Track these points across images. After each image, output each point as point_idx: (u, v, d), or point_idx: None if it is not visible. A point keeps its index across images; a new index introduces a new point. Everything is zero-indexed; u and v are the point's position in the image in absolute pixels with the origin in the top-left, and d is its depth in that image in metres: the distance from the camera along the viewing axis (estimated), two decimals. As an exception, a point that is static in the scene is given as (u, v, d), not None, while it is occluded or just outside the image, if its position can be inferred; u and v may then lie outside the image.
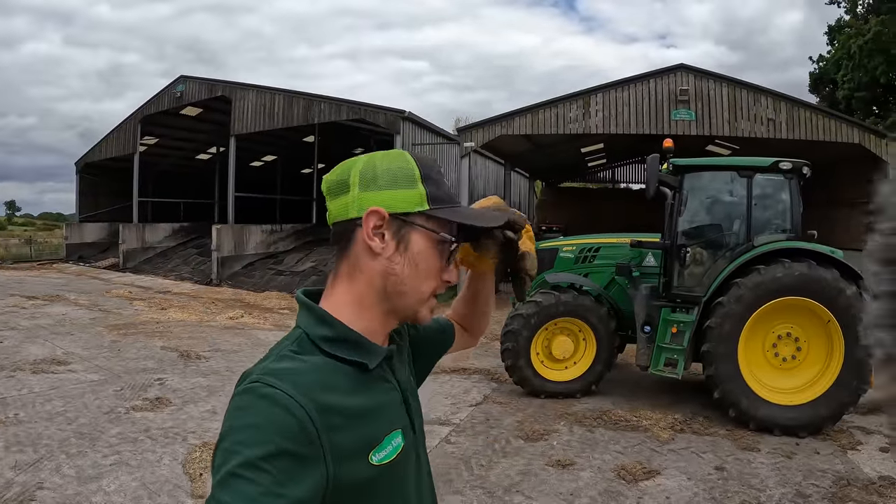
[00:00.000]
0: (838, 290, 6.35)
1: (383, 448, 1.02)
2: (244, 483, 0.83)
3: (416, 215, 1.07)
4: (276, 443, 0.87)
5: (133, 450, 5.36)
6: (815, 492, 5.00)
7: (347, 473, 0.95)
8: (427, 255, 1.08)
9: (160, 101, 22.77)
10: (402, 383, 1.14)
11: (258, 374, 0.97)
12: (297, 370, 0.97)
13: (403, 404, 1.13)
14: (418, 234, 1.07)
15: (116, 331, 10.63)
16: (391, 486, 1.04)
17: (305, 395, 0.93)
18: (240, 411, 0.92)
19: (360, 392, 1.03)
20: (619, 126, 15.59)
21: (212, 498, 0.85)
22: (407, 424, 1.12)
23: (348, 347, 1.05)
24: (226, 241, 20.24)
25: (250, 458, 0.85)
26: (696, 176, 7.43)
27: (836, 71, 21.20)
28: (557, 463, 5.37)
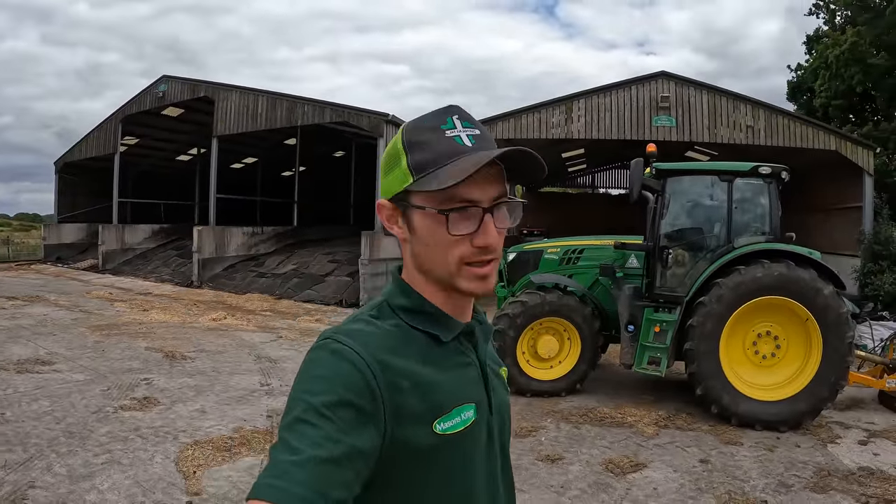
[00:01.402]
0: (816, 290, 6.57)
1: (450, 418, 1.02)
2: (307, 427, 0.88)
3: (409, 194, 1.06)
4: (340, 393, 0.91)
5: (124, 448, 5.34)
6: (797, 482, 5.19)
7: (408, 437, 0.97)
8: (432, 230, 1.05)
9: (142, 101, 22.56)
10: (481, 360, 1.14)
11: (332, 332, 1.02)
12: (370, 332, 1.02)
13: (482, 380, 1.13)
14: (417, 214, 1.06)
15: (99, 331, 10.53)
16: (456, 458, 1.04)
17: (372, 354, 0.97)
18: (311, 363, 0.98)
19: (432, 362, 1.05)
20: (600, 132, 15.82)
21: (278, 440, 0.90)
22: (483, 400, 1.11)
23: (424, 319, 1.08)
24: (207, 242, 20.10)
25: (315, 404, 0.90)
26: (678, 180, 7.62)
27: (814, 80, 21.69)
28: (546, 458, 5.49)
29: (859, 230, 14.57)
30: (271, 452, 0.89)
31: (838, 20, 20.92)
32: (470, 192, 1.03)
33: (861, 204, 14.70)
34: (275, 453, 0.88)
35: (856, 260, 14.05)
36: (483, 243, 1.04)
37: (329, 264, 19.97)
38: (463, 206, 1.03)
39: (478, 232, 1.04)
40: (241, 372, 8.32)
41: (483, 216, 1.04)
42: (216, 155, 20.49)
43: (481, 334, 1.16)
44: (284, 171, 32.24)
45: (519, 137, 16.49)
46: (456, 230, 1.03)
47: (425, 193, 1.03)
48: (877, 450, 6.07)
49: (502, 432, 1.17)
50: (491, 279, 1.08)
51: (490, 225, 1.05)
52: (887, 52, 17.90)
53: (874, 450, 6.07)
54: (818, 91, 21.14)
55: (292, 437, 0.88)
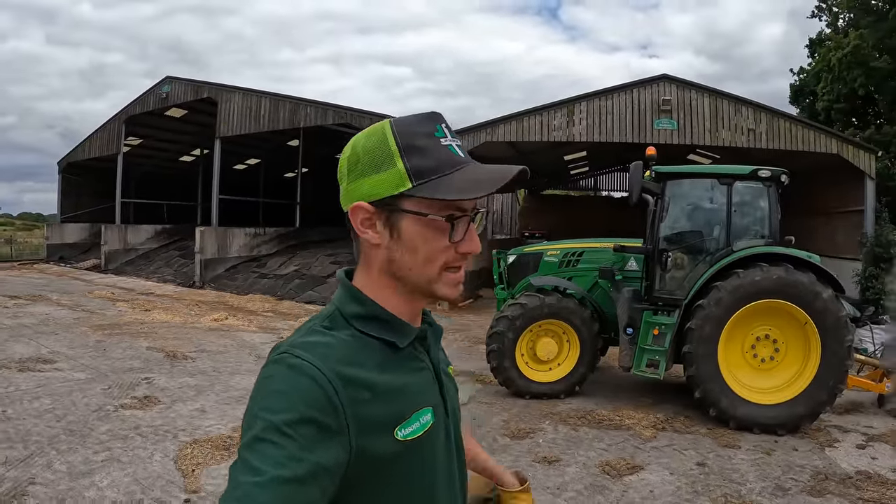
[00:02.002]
0: (815, 294, 6.58)
1: (410, 424, 1.02)
2: (269, 446, 0.86)
3: (401, 198, 1.04)
4: (301, 410, 0.89)
5: (124, 446, 5.38)
6: (794, 485, 5.19)
7: (372, 447, 0.96)
8: (424, 237, 1.04)
9: (145, 102, 22.65)
10: (434, 363, 1.14)
11: (287, 346, 0.99)
12: (326, 344, 1.00)
13: (436, 384, 1.13)
14: (408, 219, 1.04)
15: (101, 331, 10.58)
16: (418, 463, 1.04)
17: (332, 367, 0.95)
18: (268, 380, 0.95)
19: (389, 369, 1.04)
20: (602, 134, 15.83)
21: (238, 460, 0.87)
22: (439, 404, 1.11)
23: (379, 325, 1.06)
24: (209, 243, 20.16)
25: (275, 422, 0.87)
26: (677, 183, 7.63)
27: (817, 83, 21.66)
28: (544, 459, 5.51)
29: (861, 233, 14.56)
30: (231, 473, 0.86)
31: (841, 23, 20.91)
32: (466, 203, 1.07)
33: (863, 207, 14.68)
34: (236, 474, 0.86)
35: (857, 263, 14.03)
36: (468, 249, 1.07)
37: (331, 266, 20.01)
38: (464, 215, 1.06)
39: (464, 239, 1.06)
40: (242, 372, 8.35)
41: (469, 225, 1.08)
42: (219, 156, 20.56)
43: (433, 337, 1.17)
44: (287, 173, 32.29)
45: (521, 140, 16.52)
46: (456, 237, 1.05)
47: (427, 201, 1.03)
48: (875, 454, 6.07)
49: (457, 432, 1.19)
50: (461, 285, 1.11)
51: (474, 232, 1.07)
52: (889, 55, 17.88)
53: (872, 454, 6.07)
54: (820, 94, 21.11)
55: (253, 457, 0.86)
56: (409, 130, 1.06)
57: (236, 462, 0.88)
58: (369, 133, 1.08)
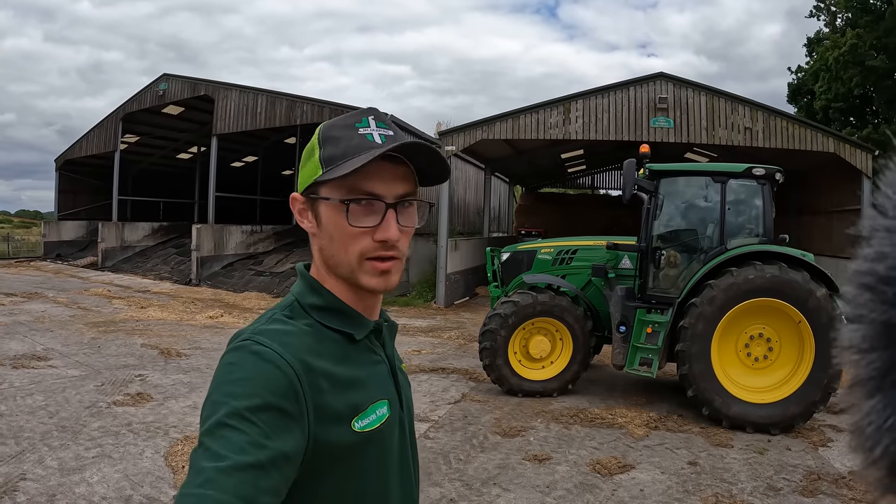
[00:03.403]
0: (808, 292, 6.57)
1: (367, 416, 1.03)
2: (231, 432, 0.86)
3: (317, 186, 1.07)
4: (264, 396, 0.90)
5: (115, 443, 5.38)
6: (786, 485, 5.18)
7: (328, 437, 0.97)
8: (336, 221, 1.06)
9: (142, 99, 22.62)
10: (389, 357, 1.16)
11: (249, 333, 1.00)
12: (287, 332, 1.01)
13: (391, 377, 1.15)
14: (323, 205, 1.07)
15: (96, 328, 10.57)
16: (373, 454, 1.05)
17: (294, 355, 0.96)
18: (230, 366, 0.95)
19: (347, 361, 1.05)
20: (598, 132, 15.80)
21: (199, 446, 0.87)
22: (394, 397, 1.13)
23: (336, 317, 1.08)
24: (206, 240, 20.14)
25: (238, 408, 0.87)
26: (671, 181, 7.63)
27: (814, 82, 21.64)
28: (534, 457, 5.50)
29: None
30: (193, 459, 0.86)
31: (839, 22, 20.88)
32: (372, 186, 1.05)
33: (860, 206, 14.67)
34: (197, 460, 0.85)
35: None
36: (383, 237, 1.05)
37: (327, 263, 20.00)
38: (363, 199, 1.04)
39: (379, 226, 1.05)
40: (236, 369, 8.36)
41: (385, 211, 1.05)
42: (216, 153, 20.53)
43: (388, 332, 1.18)
44: (284, 170, 32.27)
45: (517, 138, 16.51)
46: (356, 222, 1.04)
47: (331, 185, 1.05)
48: (867, 453, 6.06)
49: (411, 426, 1.21)
50: (392, 276, 1.08)
51: (391, 220, 1.05)
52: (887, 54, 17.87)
53: (865, 453, 6.06)
54: (818, 93, 21.11)
55: (215, 443, 0.85)
56: (333, 125, 1.10)
57: (198, 448, 0.87)
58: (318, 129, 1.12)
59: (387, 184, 1.06)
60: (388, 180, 1.06)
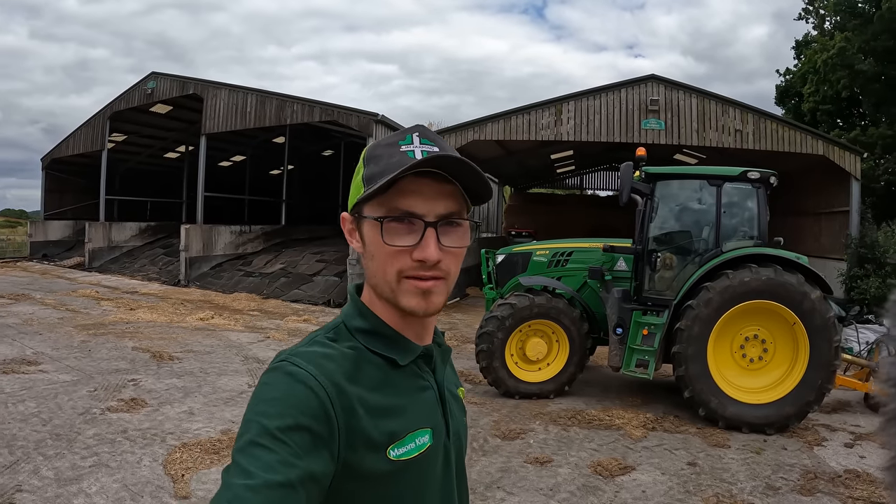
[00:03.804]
0: (803, 294, 6.64)
1: (404, 444, 1.01)
2: (262, 450, 0.87)
3: (360, 205, 1.05)
4: (296, 417, 0.91)
5: (111, 451, 5.29)
6: (784, 484, 5.25)
7: (362, 463, 0.96)
8: (375, 240, 1.03)
9: (130, 98, 22.36)
10: (440, 384, 1.13)
11: (288, 354, 1.01)
12: (326, 355, 1.00)
13: (439, 405, 1.11)
14: (365, 224, 1.05)
15: (85, 331, 10.43)
16: (411, 483, 1.02)
17: (328, 377, 0.96)
18: (265, 386, 0.96)
19: (388, 387, 1.03)
20: (590, 134, 15.84)
21: (231, 463, 0.88)
22: (439, 425, 1.09)
23: (381, 341, 1.06)
24: (194, 241, 19.96)
25: (269, 427, 0.89)
26: (667, 184, 7.67)
27: (803, 84, 21.88)
28: (535, 460, 5.51)
29: (846, 234, 14.71)
30: (224, 476, 0.87)
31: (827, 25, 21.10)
32: (411, 204, 1.01)
33: (848, 208, 14.84)
34: (228, 477, 0.86)
35: (842, 264, 14.18)
36: (420, 256, 1.01)
37: (317, 264, 19.90)
38: (400, 216, 1.01)
39: (417, 245, 1.01)
40: (229, 373, 8.28)
41: (424, 230, 1.01)
42: (204, 152, 20.36)
43: (440, 357, 1.15)
44: (273, 170, 32.09)
45: (508, 139, 16.52)
46: (391, 240, 1.01)
47: (371, 203, 1.03)
48: (863, 452, 6.14)
49: (459, 455, 1.17)
50: (435, 297, 1.04)
51: (431, 239, 1.01)
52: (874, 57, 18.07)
53: (860, 452, 6.15)
54: (806, 96, 21.31)
55: (246, 461, 0.87)
56: (377, 144, 1.08)
57: (229, 465, 0.89)
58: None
59: (427, 202, 1.02)
60: (429, 198, 1.02)
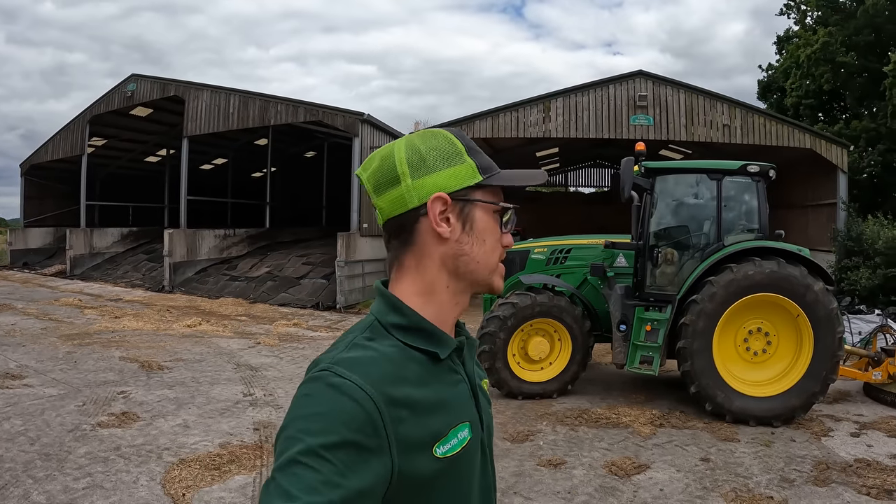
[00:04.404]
0: (806, 287, 6.60)
1: (448, 441, 1.00)
2: (305, 470, 0.83)
3: (473, 190, 1.08)
4: (341, 433, 0.87)
5: (105, 471, 5.01)
6: (799, 476, 5.19)
7: (411, 466, 0.94)
8: (491, 227, 1.10)
9: (110, 101, 21.87)
10: (470, 377, 1.12)
11: (329, 362, 0.96)
12: (369, 360, 0.97)
13: (472, 398, 1.10)
14: (479, 210, 1.09)
15: (70, 341, 10.12)
16: (455, 480, 1.02)
17: (375, 386, 0.92)
18: (307, 398, 0.92)
19: (430, 383, 1.02)
20: (578, 130, 15.83)
21: (271, 480, 0.85)
22: (475, 418, 1.09)
23: (420, 336, 1.04)
24: (178, 246, 19.60)
25: (313, 445, 0.85)
26: (667, 178, 7.60)
27: (785, 79, 22.11)
28: (548, 462, 5.38)
29: (832, 227, 14.81)
30: (263, 496, 0.84)
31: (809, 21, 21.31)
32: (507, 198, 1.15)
33: (835, 200, 14.95)
34: (267, 498, 0.83)
35: (830, 256, 14.27)
36: (509, 242, 1.15)
37: (303, 266, 19.66)
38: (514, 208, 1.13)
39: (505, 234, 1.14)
40: (222, 382, 8.04)
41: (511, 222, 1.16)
42: (187, 155, 20.00)
43: (468, 350, 1.15)
44: (255, 172, 31.72)
45: (496, 136, 16.43)
46: (507, 228, 1.13)
47: (484, 192, 1.09)
48: (870, 441, 6.12)
49: (491, 447, 1.19)
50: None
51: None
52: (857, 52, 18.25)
53: (867, 441, 6.12)
54: (789, 90, 21.49)
55: (287, 481, 0.83)
56: (463, 137, 1.13)
57: (269, 483, 0.85)
58: (425, 136, 1.11)
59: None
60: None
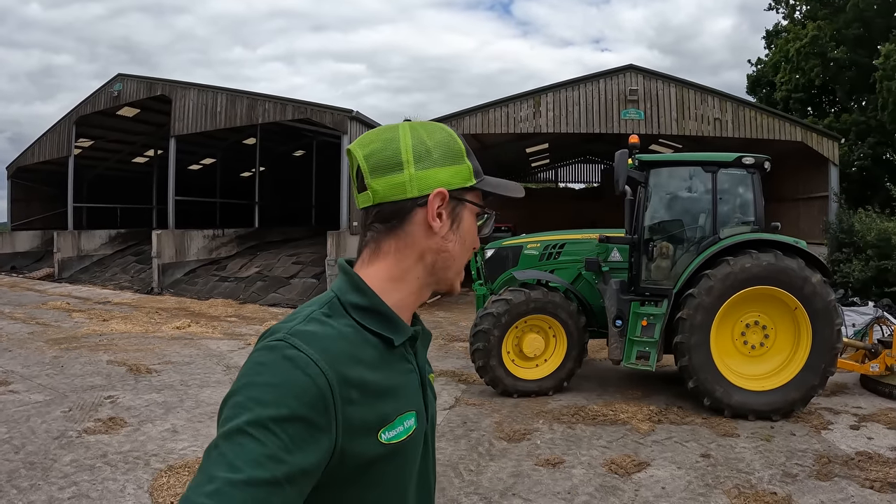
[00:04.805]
0: (804, 279, 6.53)
1: (394, 427, 1.00)
2: (251, 441, 0.82)
3: (467, 191, 1.10)
4: (292, 407, 0.86)
5: (91, 479, 4.84)
6: (801, 470, 5.13)
7: (355, 448, 0.93)
8: (472, 229, 1.13)
9: (96, 101, 21.52)
10: (421, 367, 1.12)
11: (284, 333, 0.94)
12: (326, 336, 0.96)
13: (421, 388, 1.11)
14: (467, 211, 1.11)
15: (57, 345, 9.91)
16: (396, 467, 1.02)
17: (331, 364, 0.92)
18: (261, 367, 0.90)
19: (382, 368, 1.01)
20: (568, 125, 15.76)
21: (214, 447, 0.83)
22: (421, 408, 1.09)
23: (377, 320, 1.04)
24: (166, 247, 19.37)
25: (262, 417, 0.84)
26: (661, 171, 7.51)
27: (774, 73, 22.19)
28: (546, 462, 5.28)
29: (824, 219, 14.82)
30: (206, 461, 0.83)
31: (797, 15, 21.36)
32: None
33: (826, 193, 14.96)
34: (210, 465, 0.81)
35: (822, 248, 14.27)
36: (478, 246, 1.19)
37: (293, 266, 19.51)
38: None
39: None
40: (212, 384, 7.88)
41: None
42: (174, 155, 19.75)
43: (422, 340, 1.16)
44: (243, 172, 31.46)
45: (486, 132, 16.32)
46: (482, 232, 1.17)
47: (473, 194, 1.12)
48: (870, 434, 6.08)
49: (433, 439, 1.19)
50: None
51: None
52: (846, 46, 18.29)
53: (867, 434, 6.07)
54: (779, 84, 21.54)
55: (232, 451, 0.82)
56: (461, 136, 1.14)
57: (212, 449, 0.84)
58: (429, 128, 1.11)
59: None
60: None
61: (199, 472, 0.82)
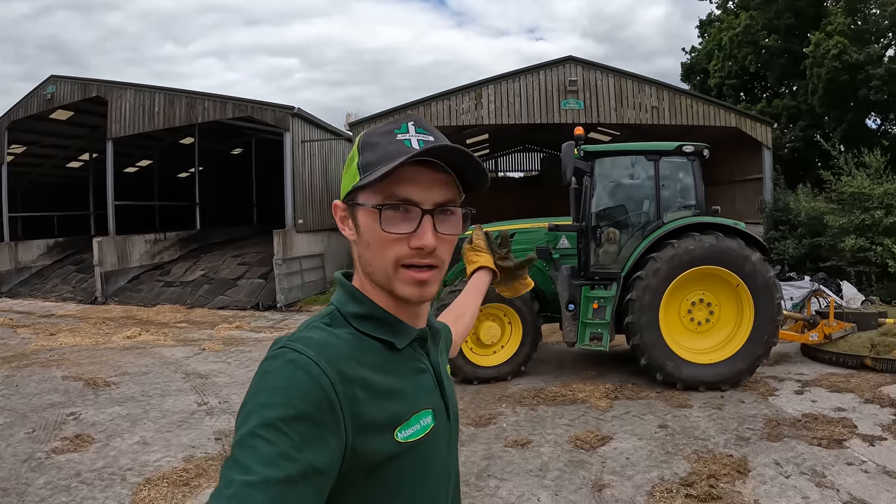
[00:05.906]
0: (745, 258, 7.00)
1: (410, 426, 1.02)
2: (262, 443, 0.84)
3: (356, 193, 1.06)
4: (298, 406, 0.88)
5: (69, 500, 4.72)
6: (753, 434, 5.56)
7: (369, 446, 0.95)
8: (372, 229, 1.04)
9: (28, 105, 20.42)
10: (435, 367, 1.14)
11: (287, 340, 0.98)
12: (325, 340, 0.99)
13: (437, 387, 1.12)
14: (361, 212, 1.06)
15: (7, 364, 9.55)
16: (417, 465, 1.03)
17: (330, 362, 0.94)
18: (266, 374, 0.93)
19: (388, 370, 1.03)
20: (510, 116, 16.07)
21: (230, 456, 0.86)
22: (440, 407, 1.11)
23: (377, 325, 1.06)
24: (108, 254, 18.76)
25: (270, 419, 0.86)
26: (605, 161, 7.85)
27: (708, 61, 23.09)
28: (515, 443, 5.54)
29: (760, 199, 15.62)
30: (223, 470, 0.85)
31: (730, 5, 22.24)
32: (408, 192, 1.03)
33: (761, 175, 15.77)
34: (227, 472, 0.84)
35: (758, 227, 15.08)
36: (418, 244, 1.03)
37: (239, 267, 19.26)
38: (397, 204, 1.02)
39: (415, 233, 1.03)
40: (174, 393, 7.78)
41: (421, 218, 1.03)
42: (112, 159, 19.09)
43: (433, 340, 1.16)
44: (181, 173, 30.61)
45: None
46: (389, 227, 1.02)
47: (367, 191, 1.04)
48: (813, 397, 6.60)
49: (456, 435, 1.21)
50: (430, 286, 1.07)
51: (427, 227, 1.03)
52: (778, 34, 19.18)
53: (811, 397, 6.60)
54: (712, 72, 22.41)
55: (245, 455, 0.84)
56: (373, 132, 1.09)
57: (229, 458, 0.86)
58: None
59: (424, 190, 1.04)
60: (426, 186, 1.04)
61: (219, 480, 0.85)
